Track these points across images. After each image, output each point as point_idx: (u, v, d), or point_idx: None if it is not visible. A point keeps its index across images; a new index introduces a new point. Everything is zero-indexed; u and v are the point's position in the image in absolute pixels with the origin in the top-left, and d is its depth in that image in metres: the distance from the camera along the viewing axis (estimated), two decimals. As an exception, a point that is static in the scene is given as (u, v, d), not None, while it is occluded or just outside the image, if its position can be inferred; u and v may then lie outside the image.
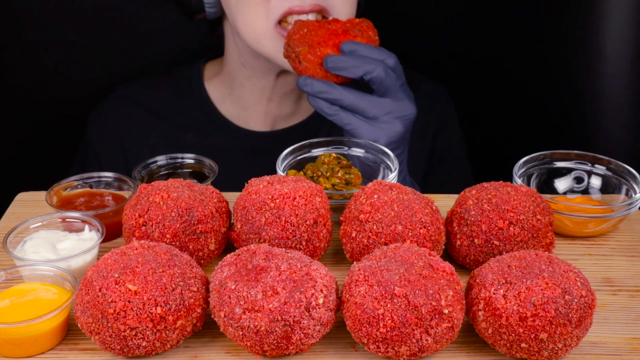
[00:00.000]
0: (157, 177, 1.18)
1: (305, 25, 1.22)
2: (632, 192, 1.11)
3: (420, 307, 0.81)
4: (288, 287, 0.82)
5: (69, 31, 1.57)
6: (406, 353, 0.83)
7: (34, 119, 1.64)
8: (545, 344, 0.83)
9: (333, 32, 1.22)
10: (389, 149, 1.18)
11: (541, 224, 0.97)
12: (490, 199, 0.98)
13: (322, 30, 1.22)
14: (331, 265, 1.03)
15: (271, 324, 0.81)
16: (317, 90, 1.19)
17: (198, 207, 0.97)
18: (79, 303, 0.85)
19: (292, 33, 1.22)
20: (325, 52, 1.21)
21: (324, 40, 1.21)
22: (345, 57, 1.19)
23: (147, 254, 0.87)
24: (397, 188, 0.99)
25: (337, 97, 1.19)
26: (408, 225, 0.94)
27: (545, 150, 1.18)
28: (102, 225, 1.01)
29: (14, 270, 0.94)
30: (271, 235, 0.95)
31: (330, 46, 1.21)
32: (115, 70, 1.60)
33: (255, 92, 1.43)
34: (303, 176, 1.11)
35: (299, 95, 1.45)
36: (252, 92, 1.44)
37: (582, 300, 0.83)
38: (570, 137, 1.46)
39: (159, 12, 1.58)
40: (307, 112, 1.48)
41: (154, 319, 0.83)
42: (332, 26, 1.23)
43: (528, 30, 1.51)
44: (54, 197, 1.10)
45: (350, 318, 0.84)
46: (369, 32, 1.24)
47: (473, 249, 0.98)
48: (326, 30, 1.22)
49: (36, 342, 0.86)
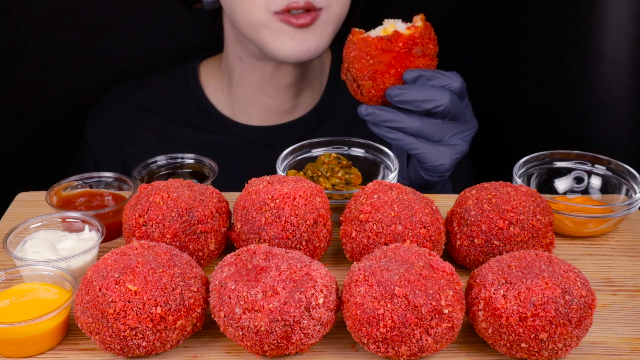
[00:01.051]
0: (157, 177, 1.18)
1: (367, 49, 1.15)
2: (632, 192, 1.11)
3: (420, 307, 0.81)
4: (288, 287, 0.82)
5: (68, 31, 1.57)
6: (406, 353, 0.83)
7: (34, 119, 1.64)
8: (545, 344, 0.83)
9: (396, 55, 1.15)
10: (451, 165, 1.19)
11: (541, 224, 0.97)
12: (490, 199, 0.98)
13: (386, 57, 1.15)
14: (331, 265, 1.03)
15: (271, 324, 0.81)
16: (381, 120, 1.16)
17: (198, 207, 0.97)
18: (79, 303, 0.85)
19: (354, 59, 1.16)
20: (389, 83, 1.16)
21: (387, 68, 1.15)
22: (409, 90, 1.15)
23: (147, 254, 0.87)
24: (397, 188, 0.99)
25: (402, 125, 1.16)
26: (408, 225, 0.94)
27: (545, 150, 1.18)
28: (102, 225, 1.01)
29: (14, 270, 0.94)
30: (271, 235, 0.95)
31: (393, 75, 1.16)
32: (116, 70, 1.60)
33: (251, 87, 1.43)
34: (303, 176, 1.11)
35: (297, 90, 1.44)
36: (248, 86, 1.43)
37: (582, 300, 0.83)
38: (570, 137, 1.46)
39: (158, 12, 1.58)
40: (306, 108, 1.48)
41: (154, 319, 0.83)
42: (394, 46, 1.15)
43: (528, 30, 1.51)
44: (54, 197, 1.10)
45: (350, 318, 0.84)
46: (430, 46, 1.18)
47: (473, 249, 0.98)
48: (389, 55, 1.15)
49: (36, 342, 0.86)
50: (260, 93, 1.43)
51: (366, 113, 1.17)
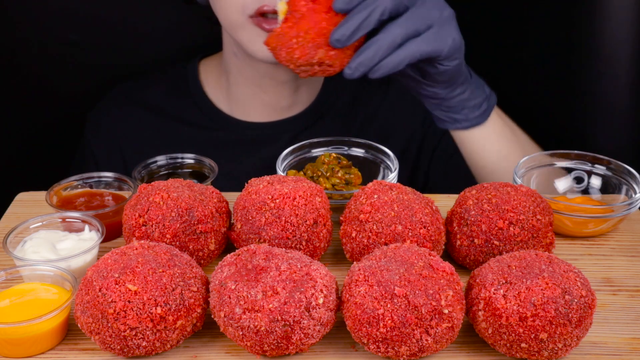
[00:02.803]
0: (157, 177, 1.18)
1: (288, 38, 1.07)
2: (632, 192, 1.11)
3: (420, 307, 0.81)
4: (288, 287, 0.82)
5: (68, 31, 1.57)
6: (406, 353, 0.83)
7: (34, 119, 1.64)
8: (545, 344, 0.83)
9: (309, 17, 1.06)
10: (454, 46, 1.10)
11: (541, 224, 0.97)
12: (490, 199, 0.98)
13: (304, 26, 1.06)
14: (331, 265, 1.03)
15: (271, 324, 0.81)
16: (368, 59, 1.05)
17: (198, 207, 0.97)
18: (79, 303, 0.85)
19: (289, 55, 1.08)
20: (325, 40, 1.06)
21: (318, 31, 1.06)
22: (348, 19, 1.04)
23: (147, 254, 0.87)
24: (397, 188, 0.99)
25: (385, 42, 1.05)
26: (408, 225, 0.94)
27: (545, 150, 1.18)
28: (102, 225, 1.01)
29: (14, 270, 0.94)
30: (271, 235, 0.95)
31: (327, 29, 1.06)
32: (116, 70, 1.60)
33: (248, 84, 1.43)
34: (303, 176, 1.11)
35: (295, 86, 1.44)
36: (245, 83, 1.43)
37: (582, 300, 0.83)
38: (570, 137, 1.46)
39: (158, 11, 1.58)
40: (305, 103, 1.47)
41: (154, 319, 0.83)
42: (300, 13, 1.06)
43: (528, 30, 1.51)
44: (54, 197, 1.10)
45: (350, 318, 0.84)
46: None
47: (473, 249, 0.98)
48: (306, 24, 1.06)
49: (36, 342, 0.86)
50: (257, 90, 1.43)
51: (352, 71, 1.06)
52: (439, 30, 1.10)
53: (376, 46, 1.05)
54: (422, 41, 1.08)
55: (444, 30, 1.10)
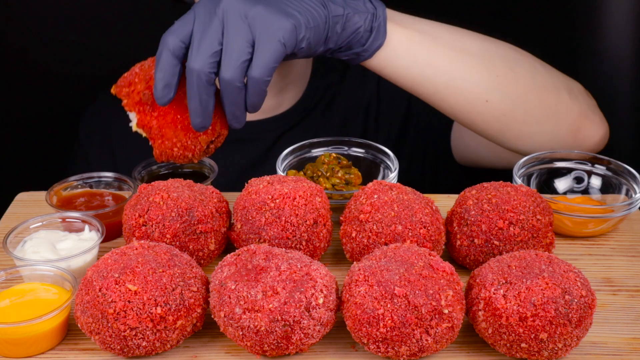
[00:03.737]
0: (157, 177, 1.18)
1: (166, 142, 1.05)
2: (632, 192, 1.11)
3: (420, 307, 0.81)
4: (288, 287, 0.82)
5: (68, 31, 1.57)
6: (406, 353, 0.83)
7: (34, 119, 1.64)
8: (545, 344, 0.83)
9: (158, 115, 1.05)
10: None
11: (541, 224, 0.97)
12: (490, 199, 0.98)
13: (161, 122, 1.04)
14: (331, 265, 1.03)
15: (271, 324, 0.81)
16: (237, 117, 1.04)
17: (198, 207, 0.97)
18: (79, 303, 0.85)
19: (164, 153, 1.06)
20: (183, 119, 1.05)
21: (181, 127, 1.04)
22: (191, 109, 1.01)
23: (147, 254, 0.87)
24: (397, 188, 0.99)
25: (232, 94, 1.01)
26: (408, 225, 0.94)
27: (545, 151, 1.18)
28: (102, 225, 1.01)
29: (14, 270, 0.94)
30: (271, 235, 0.95)
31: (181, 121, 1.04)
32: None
33: None
34: (303, 176, 1.11)
35: (279, 88, 1.43)
36: None
37: (582, 300, 0.83)
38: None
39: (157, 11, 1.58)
40: (291, 102, 1.47)
41: (154, 319, 0.83)
42: (148, 114, 1.06)
43: (528, 31, 1.50)
44: (54, 197, 1.10)
45: (350, 318, 0.84)
46: (138, 86, 1.07)
47: (473, 249, 0.98)
48: (162, 120, 1.05)
49: (36, 342, 0.86)
50: None
51: (239, 124, 1.05)
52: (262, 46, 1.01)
53: (229, 100, 1.02)
54: (259, 61, 1.00)
55: (265, 43, 1.01)
